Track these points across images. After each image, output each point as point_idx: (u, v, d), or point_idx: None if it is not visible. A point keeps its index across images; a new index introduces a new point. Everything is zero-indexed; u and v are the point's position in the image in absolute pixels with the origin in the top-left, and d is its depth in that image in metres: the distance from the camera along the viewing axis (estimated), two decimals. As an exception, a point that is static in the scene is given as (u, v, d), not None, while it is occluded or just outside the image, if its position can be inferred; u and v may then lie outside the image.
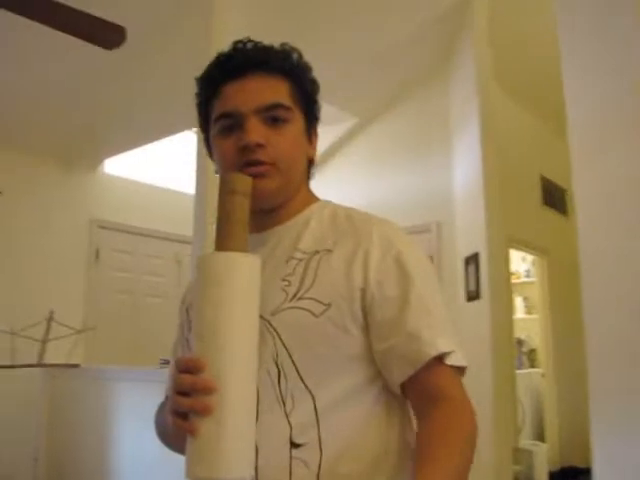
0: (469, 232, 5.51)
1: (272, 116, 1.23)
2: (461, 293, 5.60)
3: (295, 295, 1.18)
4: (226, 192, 1.08)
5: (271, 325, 1.17)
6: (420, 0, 5.07)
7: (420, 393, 1.15)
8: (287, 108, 1.25)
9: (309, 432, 1.14)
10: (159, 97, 4.96)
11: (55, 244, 6.04)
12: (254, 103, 1.22)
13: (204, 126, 1.33)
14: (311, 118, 1.34)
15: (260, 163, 1.20)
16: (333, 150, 6.79)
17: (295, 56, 1.32)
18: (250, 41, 1.29)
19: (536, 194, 6.81)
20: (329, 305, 1.15)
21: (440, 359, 1.13)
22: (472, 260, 5.35)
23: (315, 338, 1.15)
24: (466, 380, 1.18)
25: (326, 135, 6.68)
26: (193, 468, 0.99)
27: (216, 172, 1.31)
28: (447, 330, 1.18)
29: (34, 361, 5.00)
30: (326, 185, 6.68)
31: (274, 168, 1.21)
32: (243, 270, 1.05)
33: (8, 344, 5.21)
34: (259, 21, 4.83)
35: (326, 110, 5.03)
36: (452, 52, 5.85)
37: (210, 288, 1.04)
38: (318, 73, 1.23)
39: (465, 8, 5.40)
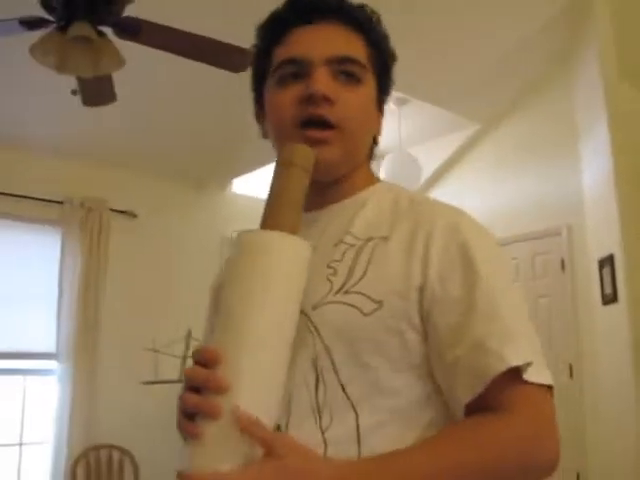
0: (602, 234, 5.33)
1: (345, 70, 1.07)
2: (596, 297, 5.42)
3: (342, 287, 0.99)
4: (283, 164, 0.95)
5: (311, 321, 0.99)
6: (536, 1, 4.97)
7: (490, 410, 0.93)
8: (362, 66, 1.09)
9: (348, 452, 0.94)
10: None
11: (189, 263, 6.25)
12: (327, 51, 1.06)
13: (258, 82, 1.16)
14: (384, 89, 1.17)
15: (324, 124, 1.03)
16: (456, 158, 6.73)
17: (375, 17, 1.15)
18: None
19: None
20: (381, 303, 0.97)
21: (515, 373, 0.92)
22: (607, 262, 5.17)
23: (362, 343, 0.97)
24: (604, 395, 1.00)
25: (449, 143, 6.66)
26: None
27: (263, 136, 1.18)
28: (522, 337, 0.97)
29: (176, 377, 5.20)
30: (450, 193, 6.70)
31: (339, 133, 1.05)
32: (287, 254, 0.91)
33: (152, 361, 5.46)
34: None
35: (447, 117, 5.09)
36: (574, 50, 5.70)
37: (244, 270, 0.90)
38: (438, 81, 1.19)
39: (585, 3, 5.25)
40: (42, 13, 2.98)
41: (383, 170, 6.11)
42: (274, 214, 0.92)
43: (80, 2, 2.86)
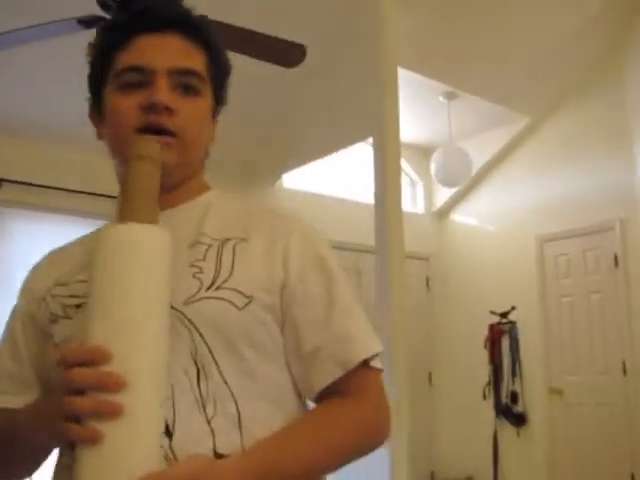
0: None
1: (185, 83, 1.09)
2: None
3: (212, 284, 1.03)
4: (135, 157, 0.96)
5: (185, 316, 1.01)
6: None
7: (338, 395, 1.06)
8: (202, 79, 1.12)
9: (232, 442, 0.98)
10: (335, 111, 5.10)
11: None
12: (169, 62, 1.08)
13: (96, 83, 1.15)
14: (219, 99, 1.20)
15: (164, 132, 1.06)
16: (506, 151, 6.67)
17: (214, 30, 1.17)
18: None
19: None
20: (251, 298, 1.03)
21: (366, 362, 1.06)
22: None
23: (238, 335, 1.02)
24: None
25: (498, 137, 6.60)
26: None
27: (98, 137, 1.18)
28: (372, 330, 1.11)
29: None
30: (499, 187, 6.64)
31: (178, 141, 1.07)
32: (155, 242, 0.93)
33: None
34: (428, 27, 4.89)
35: (497, 111, 5.04)
36: (625, 41, 5.61)
37: (115, 262, 0.90)
38: (487, 74, 1.14)
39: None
40: (97, 11, 3.04)
41: (433, 164, 6.10)
42: (134, 208, 0.93)
43: (136, -1, 2.91)
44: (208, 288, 1.02)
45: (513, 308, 6.19)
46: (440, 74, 5.48)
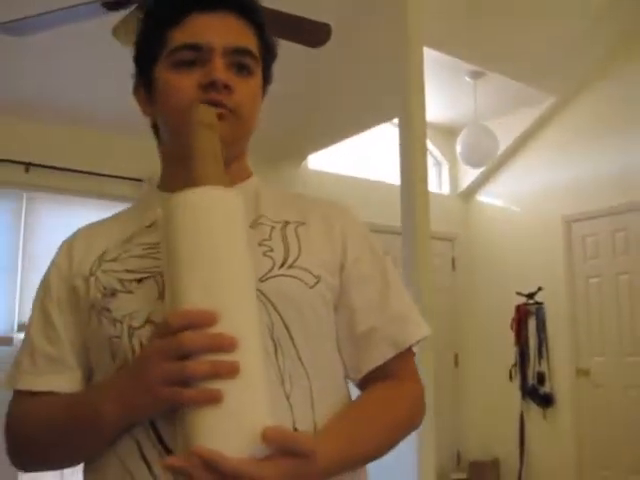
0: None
1: (240, 62, 1.11)
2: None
3: (284, 263, 1.06)
4: (200, 124, 0.98)
5: (262, 293, 1.01)
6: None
7: (384, 376, 1.10)
8: (255, 58, 1.14)
9: (307, 418, 1.01)
10: (361, 92, 5.07)
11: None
12: (226, 41, 1.09)
13: (145, 58, 1.14)
14: (267, 79, 1.22)
15: (223, 106, 1.06)
16: (532, 131, 6.60)
17: (263, 12, 1.19)
18: None
19: None
20: (319, 278, 1.07)
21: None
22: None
23: (309, 313, 1.05)
24: None
25: (524, 116, 6.54)
26: (222, 443, 0.81)
27: (145, 113, 1.18)
28: (421, 314, 1.16)
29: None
30: (525, 167, 6.60)
31: (233, 116, 1.08)
32: (234, 204, 0.94)
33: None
34: (453, 6, 4.84)
35: (523, 91, 4.99)
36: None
37: (200, 226, 0.90)
38: (514, 54, 1.12)
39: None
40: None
41: (459, 144, 6.05)
42: (206, 170, 0.94)
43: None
44: (281, 266, 1.05)
45: (540, 289, 6.15)
46: (466, 53, 5.42)
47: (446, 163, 7.24)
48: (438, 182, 7.26)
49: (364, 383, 1.12)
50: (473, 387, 6.86)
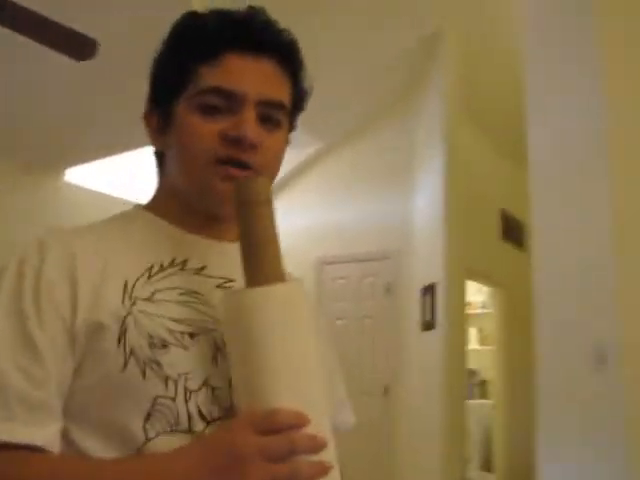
0: (428, 262, 5.57)
1: (269, 115, 0.99)
2: (417, 323, 5.65)
3: None
4: (251, 204, 0.89)
5: None
6: (390, 32, 5.14)
7: None
8: (286, 111, 1.03)
9: None
10: (132, 110, 4.95)
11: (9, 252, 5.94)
12: (261, 92, 0.98)
13: (168, 89, 1.02)
14: (292, 127, 1.10)
15: (246, 167, 0.96)
16: (294, 173, 6.83)
17: (302, 55, 1.07)
18: (262, 11, 1.02)
19: (496, 227, 6.90)
20: None
21: None
22: (429, 290, 5.40)
23: None
24: (415, 407, 1.16)
25: (289, 158, 6.68)
26: None
27: (156, 145, 1.07)
28: None
29: None
30: (286, 209, 6.76)
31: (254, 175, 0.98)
32: (303, 297, 0.91)
33: None
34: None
35: (293, 133, 5.07)
36: (420, 84, 5.95)
37: (286, 322, 0.86)
38: None
39: (436, 42, 5.49)
40: None
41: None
42: (272, 260, 0.88)
43: None
44: None
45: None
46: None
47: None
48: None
49: None
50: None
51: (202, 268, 0.98)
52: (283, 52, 1.01)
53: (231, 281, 0.98)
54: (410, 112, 6.09)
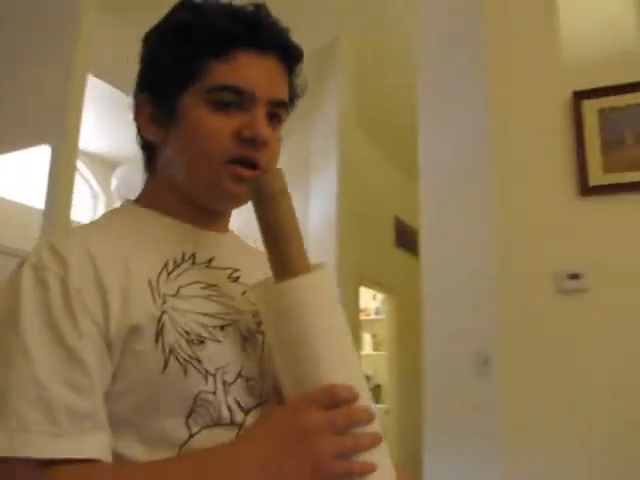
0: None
1: (276, 113, 1.03)
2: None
3: None
4: (274, 195, 0.92)
5: None
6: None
7: None
8: (286, 110, 1.07)
9: None
10: (18, 110, 4.79)
11: None
12: (271, 91, 1.00)
13: (174, 81, 1.00)
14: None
15: (255, 167, 0.98)
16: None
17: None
18: (267, 10, 1.04)
19: (390, 234, 7.02)
20: None
21: None
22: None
23: None
24: None
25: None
26: None
27: (146, 145, 1.06)
28: None
29: None
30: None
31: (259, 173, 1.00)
32: (333, 287, 0.97)
33: None
34: (127, 39, 4.79)
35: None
36: (317, 92, 5.98)
37: (317, 308, 0.91)
38: None
39: (334, 51, 5.55)
40: None
41: (114, 179, 5.96)
42: (298, 249, 0.92)
43: None
44: None
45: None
46: (132, 89, 5.40)
47: (103, 196, 7.08)
48: (93, 214, 7.06)
49: None
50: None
51: (210, 260, 1.00)
52: (288, 52, 1.05)
53: (237, 270, 1.03)
54: (307, 117, 6.13)
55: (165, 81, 1.00)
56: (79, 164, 6.71)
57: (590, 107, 2.73)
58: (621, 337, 2.55)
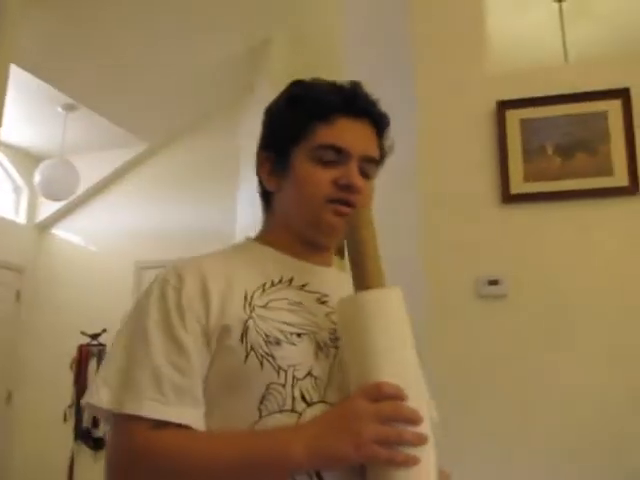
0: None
1: (367, 169, 1.26)
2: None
3: None
4: (362, 226, 1.14)
5: None
6: (220, 36, 5.15)
7: None
8: (377, 166, 1.31)
9: None
10: None
11: None
12: (363, 150, 1.25)
13: (287, 140, 1.28)
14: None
15: (351, 206, 1.22)
16: (117, 174, 6.70)
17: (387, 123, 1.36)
18: (362, 86, 1.31)
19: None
20: None
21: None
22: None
23: None
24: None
25: (114, 157, 6.58)
26: None
27: (269, 188, 1.31)
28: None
29: None
30: (106, 209, 6.61)
31: None
32: (402, 303, 1.11)
33: None
34: (55, 30, 4.70)
35: (116, 132, 4.98)
36: (248, 90, 5.98)
37: (388, 320, 1.08)
38: (112, 94, 1.17)
39: (265, 49, 5.55)
40: None
41: (38, 174, 5.82)
42: (377, 268, 1.11)
43: None
44: None
45: (104, 330, 6.11)
46: (59, 82, 5.31)
47: (27, 190, 6.92)
48: (15, 208, 6.90)
49: None
50: (27, 427, 6.53)
51: (304, 285, 1.23)
52: (378, 120, 1.31)
53: (326, 295, 1.24)
54: (237, 118, 6.12)
55: (282, 140, 1.28)
56: (1, 156, 6.55)
57: (513, 117, 2.80)
58: (536, 342, 2.63)
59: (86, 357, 6.19)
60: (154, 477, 1.06)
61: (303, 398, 1.08)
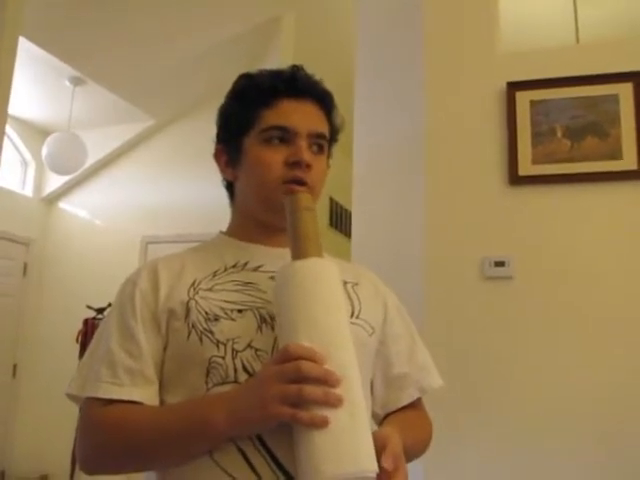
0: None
1: (318, 143, 1.32)
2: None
3: (352, 313, 1.29)
4: (304, 208, 1.18)
5: None
6: (228, 15, 5.13)
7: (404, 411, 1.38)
8: (327, 140, 1.36)
9: None
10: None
11: None
12: (310, 126, 1.30)
13: (236, 131, 1.35)
14: (329, 156, 1.42)
15: (304, 184, 1.27)
16: (126, 148, 6.68)
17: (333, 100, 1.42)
18: (302, 69, 1.37)
19: (323, 215, 7.04)
20: (374, 329, 1.32)
21: None
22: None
23: (365, 357, 1.28)
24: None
25: (121, 132, 6.57)
26: (329, 464, 0.95)
27: (225, 176, 1.40)
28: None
29: None
30: (113, 183, 6.59)
31: (311, 191, 1.28)
32: (335, 271, 1.15)
33: None
34: (63, 4, 4.68)
35: (123, 107, 4.96)
36: (255, 68, 5.96)
37: (315, 286, 1.10)
38: (121, 69, 1.18)
39: (273, 28, 5.52)
40: None
41: (45, 148, 5.82)
42: (310, 246, 1.14)
43: None
44: (351, 316, 1.27)
45: (110, 305, 6.10)
46: (68, 56, 5.29)
47: (34, 164, 6.92)
48: (22, 181, 6.90)
49: (384, 418, 1.36)
50: (32, 400, 6.56)
51: (259, 266, 1.28)
52: (321, 96, 1.36)
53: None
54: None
55: (231, 131, 1.36)
56: (8, 130, 6.54)
57: (523, 98, 2.79)
58: (541, 325, 2.63)
59: (92, 330, 6.19)
60: (108, 446, 1.16)
61: (245, 369, 1.13)
